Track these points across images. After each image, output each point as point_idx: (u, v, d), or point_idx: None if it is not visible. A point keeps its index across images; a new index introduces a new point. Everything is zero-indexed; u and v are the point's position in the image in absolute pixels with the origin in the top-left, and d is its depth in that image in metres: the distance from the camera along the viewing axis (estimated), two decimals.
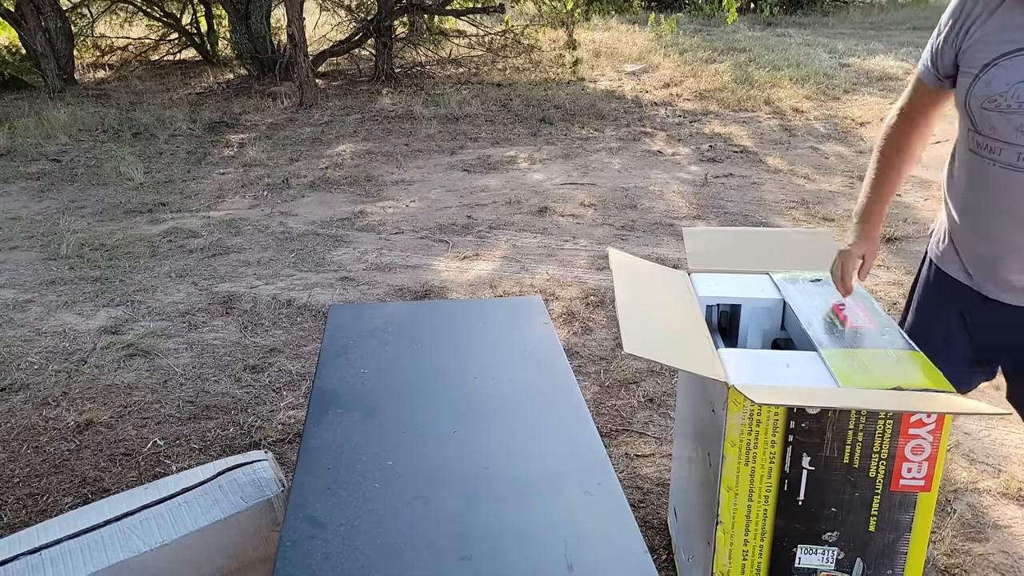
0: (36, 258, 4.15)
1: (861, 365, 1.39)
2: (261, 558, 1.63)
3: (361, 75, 9.02)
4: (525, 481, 1.36)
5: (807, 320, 1.57)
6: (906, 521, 1.32)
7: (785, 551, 1.38)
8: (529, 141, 6.21)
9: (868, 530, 1.34)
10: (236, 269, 3.93)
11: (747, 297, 1.71)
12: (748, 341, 1.73)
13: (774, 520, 1.37)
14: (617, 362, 2.96)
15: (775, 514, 1.36)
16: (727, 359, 1.46)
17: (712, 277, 1.79)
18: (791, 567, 1.39)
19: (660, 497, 2.26)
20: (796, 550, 1.38)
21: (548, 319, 1.92)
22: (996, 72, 1.35)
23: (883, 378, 1.34)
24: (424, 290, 3.63)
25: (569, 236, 4.24)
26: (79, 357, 3.12)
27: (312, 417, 1.54)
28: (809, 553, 1.37)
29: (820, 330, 1.54)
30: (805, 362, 1.45)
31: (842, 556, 1.36)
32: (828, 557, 1.37)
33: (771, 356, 1.49)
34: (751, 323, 1.72)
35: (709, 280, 1.78)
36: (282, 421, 2.68)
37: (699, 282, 1.77)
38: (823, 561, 1.37)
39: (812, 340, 1.50)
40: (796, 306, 1.64)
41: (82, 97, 8.16)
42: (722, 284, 1.76)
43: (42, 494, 2.36)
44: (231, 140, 6.50)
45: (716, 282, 1.77)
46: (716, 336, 1.70)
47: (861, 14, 13.14)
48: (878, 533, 1.34)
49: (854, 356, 1.43)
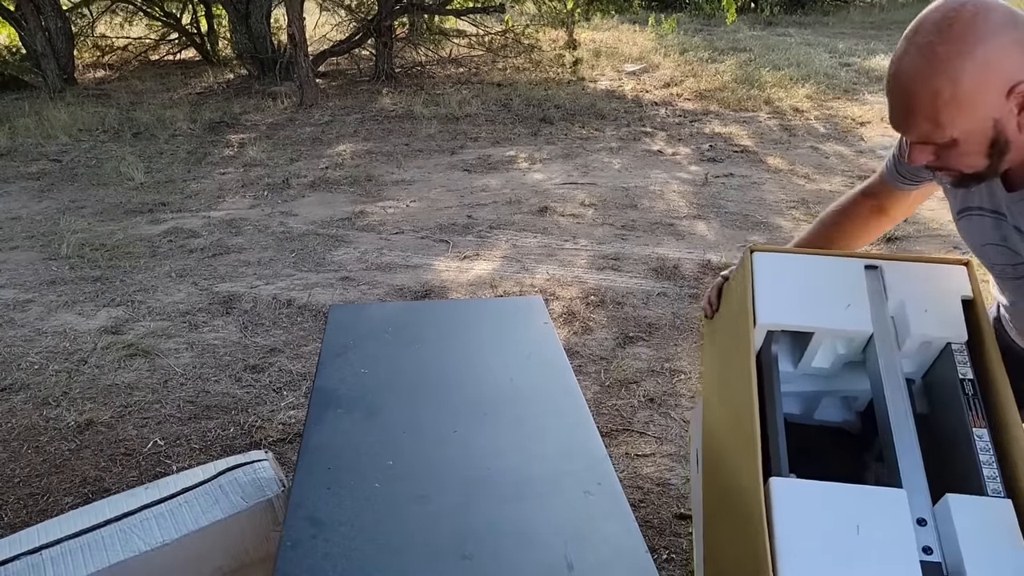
0: (36, 258, 4.15)
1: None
2: (261, 558, 1.63)
3: (361, 75, 9.02)
4: (525, 481, 1.36)
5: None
6: None
7: None
8: (529, 141, 6.21)
9: None
10: (236, 269, 3.93)
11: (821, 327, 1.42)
12: (816, 362, 1.48)
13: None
14: (617, 362, 2.96)
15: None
16: (780, 505, 1.16)
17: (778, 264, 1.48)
18: None
19: (660, 497, 2.26)
20: None
21: (548, 319, 1.92)
22: (962, 226, 1.28)
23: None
24: (424, 290, 3.63)
25: (569, 236, 4.24)
26: (79, 357, 3.12)
27: (312, 417, 1.54)
28: None
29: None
30: (882, 527, 1.13)
31: None
32: None
33: (838, 500, 1.17)
34: (823, 345, 1.45)
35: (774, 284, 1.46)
36: (282, 421, 2.68)
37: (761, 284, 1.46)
38: None
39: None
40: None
41: (82, 97, 8.16)
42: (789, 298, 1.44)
43: (43, 494, 2.37)
44: (231, 140, 6.50)
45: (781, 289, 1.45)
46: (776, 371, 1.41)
47: (861, 14, 13.14)
48: None
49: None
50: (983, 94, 1.00)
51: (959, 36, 0.99)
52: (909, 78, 1.03)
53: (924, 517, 1.16)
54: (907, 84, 1.04)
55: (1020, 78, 0.99)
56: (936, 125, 1.04)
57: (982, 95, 1.00)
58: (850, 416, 1.52)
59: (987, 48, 0.98)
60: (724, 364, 1.54)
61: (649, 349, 3.06)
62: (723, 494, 1.41)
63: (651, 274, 3.73)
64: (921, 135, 1.07)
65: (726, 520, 1.34)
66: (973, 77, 0.99)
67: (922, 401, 1.42)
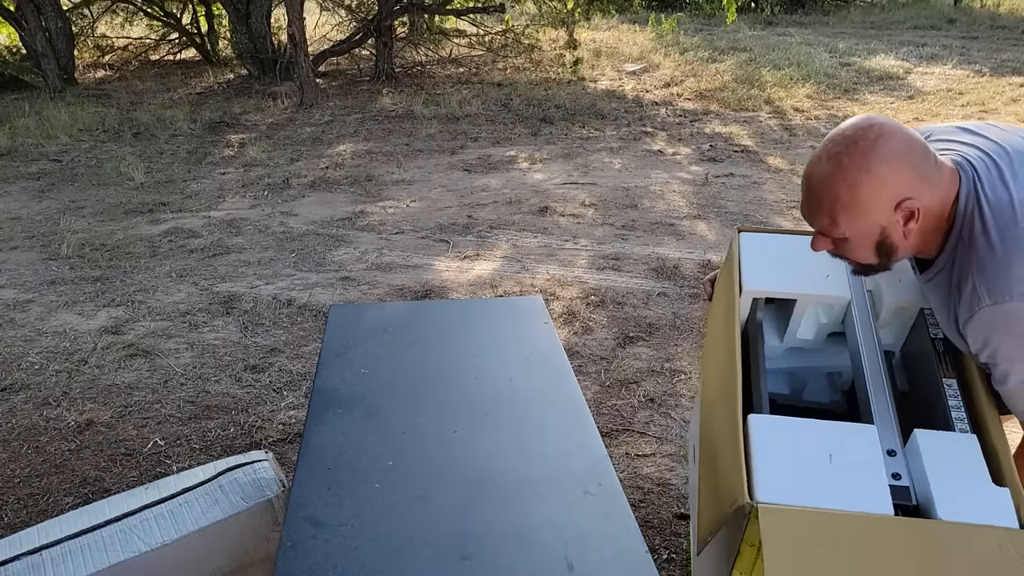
0: (37, 258, 4.15)
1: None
2: (261, 558, 1.63)
3: (361, 75, 9.02)
4: (525, 481, 1.36)
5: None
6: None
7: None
8: (529, 141, 6.21)
9: None
10: (236, 269, 3.93)
11: (803, 292, 1.51)
12: (800, 332, 1.57)
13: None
14: (617, 362, 2.96)
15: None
16: (757, 437, 1.24)
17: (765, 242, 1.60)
18: None
19: (660, 497, 2.26)
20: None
21: (548, 319, 1.92)
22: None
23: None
24: (425, 290, 3.63)
25: (570, 236, 4.24)
26: (80, 357, 3.12)
27: (313, 417, 1.54)
28: None
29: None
30: (854, 455, 1.20)
31: None
32: None
33: (812, 434, 1.25)
34: (805, 315, 1.55)
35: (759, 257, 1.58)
36: (283, 421, 2.68)
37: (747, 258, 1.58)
38: None
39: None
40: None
41: (82, 97, 8.16)
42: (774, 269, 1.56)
43: (43, 494, 2.37)
44: (231, 140, 6.50)
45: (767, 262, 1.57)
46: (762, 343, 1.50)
47: (862, 13, 13.13)
48: None
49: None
50: (874, 204, 1.18)
51: (862, 153, 1.16)
52: (818, 180, 1.21)
53: (894, 448, 1.24)
54: (815, 184, 1.22)
55: (908, 195, 1.17)
56: (833, 222, 1.22)
57: (873, 205, 1.18)
58: (836, 396, 1.59)
59: (883, 168, 1.16)
60: (715, 338, 1.61)
61: (649, 349, 3.06)
62: (709, 441, 1.46)
63: (651, 274, 3.73)
64: (821, 227, 1.25)
65: (711, 465, 1.39)
66: (868, 189, 1.17)
67: (900, 372, 1.51)
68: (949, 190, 1.21)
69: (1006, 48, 9.62)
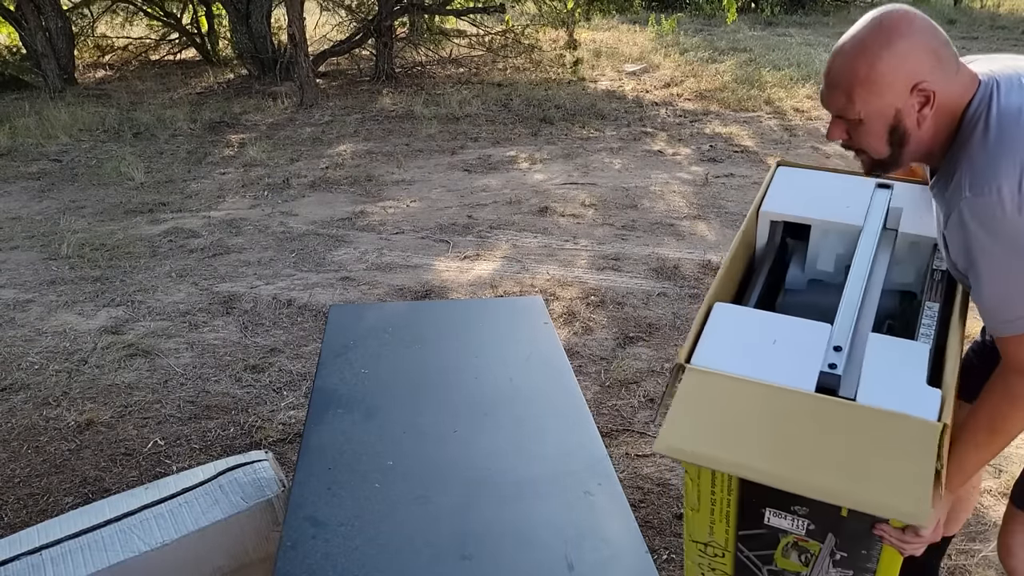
0: (37, 258, 4.15)
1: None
2: (261, 558, 1.63)
3: (361, 75, 9.01)
4: (525, 481, 1.36)
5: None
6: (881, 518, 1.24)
7: (753, 508, 1.33)
8: (530, 141, 6.21)
9: (840, 515, 1.27)
10: (236, 269, 3.93)
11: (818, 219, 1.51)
12: (819, 264, 1.58)
13: (740, 482, 1.28)
14: (617, 362, 2.96)
15: (740, 478, 1.28)
16: (715, 319, 1.31)
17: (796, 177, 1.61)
18: (760, 522, 1.35)
19: (660, 497, 2.26)
20: (765, 511, 1.33)
21: (548, 319, 1.92)
22: None
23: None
24: (425, 290, 3.63)
25: (570, 236, 4.24)
26: (80, 357, 3.12)
27: (313, 417, 1.54)
28: (778, 516, 1.32)
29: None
30: (799, 344, 1.26)
31: (813, 528, 1.31)
32: (798, 525, 1.31)
33: (768, 323, 1.31)
34: (822, 244, 1.55)
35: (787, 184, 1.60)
36: (283, 421, 2.68)
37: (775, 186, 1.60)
38: (793, 527, 1.32)
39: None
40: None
41: (83, 97, 8.16)
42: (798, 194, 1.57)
43: (43, 494, 2.36)
44: (231, 140, 6.50)
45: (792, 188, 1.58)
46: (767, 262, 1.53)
47: (862, 14, 13.11)
48: (851, 519, 1.25)
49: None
50: (892, 82, 1.17)
51: (885, 31, 1.17)
52: (839, 59, 1.22)
53: (841, 345, 1.26)
54: (836, 64, 1.22)
55: (925, 78, 1.16)
56: (849, 100, 1.20)
57: (890, 82, 1.17)
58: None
59: (903, 45, 1.16)
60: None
61: (649, 349, 3.06)
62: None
63: (651, 274, 3.73)
64: (837, 108, 1.23)
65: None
66: (887, 64, 1.16)
67: (894, 299, 1.53)
68: (966, 89, 1.19)
69: (1006, 48, 9.61)
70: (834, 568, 1.33)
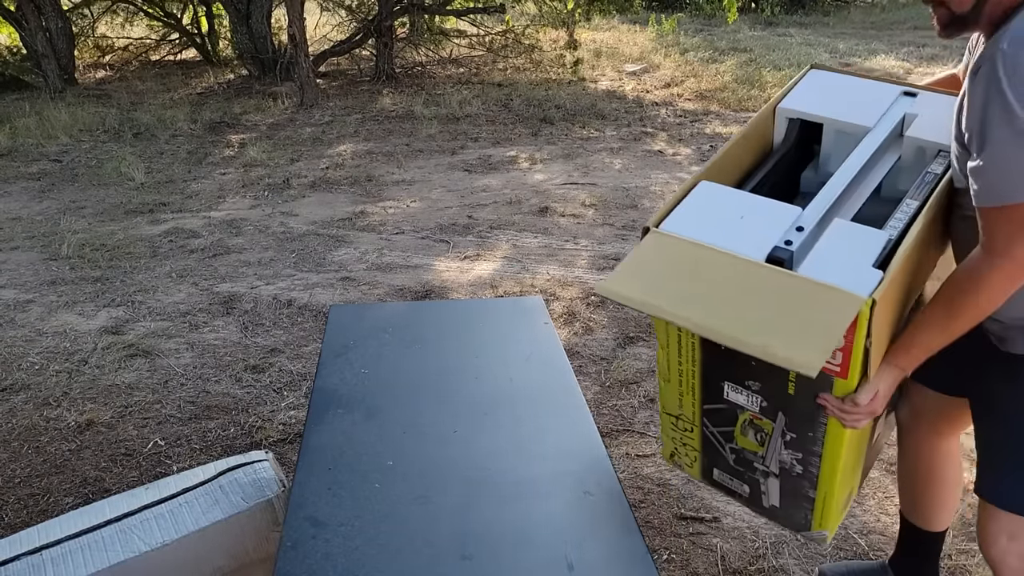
0: (37, 258, 4.15)
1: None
2: (262, 558, 1.63)
3: (362, 75, 9.02)
4: (525, 481, 1.36)
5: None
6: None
7: (714, 382, 1.41)
8: (530, 141, 6.21)
9: (787, 392, 1.32)
10: (237, 269, 3.93)
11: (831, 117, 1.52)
12: (830, 165, 1.59)
13: (702, 353, 1.40)
14: (618, 362, 2.96)
15: (702, 349, 1.39)
16: (696, 194, 1.37)
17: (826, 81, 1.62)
18: (721, 396, 1.43)
19: (660, 497, 2.26)
20: (724, 385, 1.40)
21: (549, 319, 1.93)
22: None
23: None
24: (425, 290, 3.63)
25: (570, 236, 4.24)
26: (80, 357, 3.12)
27: (313, 417, 1.54)
28: (735, 391, 1.40)
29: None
30: (765, 222, 1.31)
31: (765, 405, 1.37)
32: (752, 401, 1.38)
33: (744, 202, 1.36)
34: (834, 145, 1.56)
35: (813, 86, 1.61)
36: (283, 421, 2.68)
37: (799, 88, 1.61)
38: (748, 402, 1.39)
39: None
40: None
41: (83, 97, 8.17)
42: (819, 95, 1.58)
43: (43, 494, 2.37)
44: (232, 140, 6.50)
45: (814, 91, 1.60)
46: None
47: (862, 14, 13.13)
48: (798, 397, 1.31)
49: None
50: None
51: None
52: None
53: (804, 226, 1.31)
54: None
55: None
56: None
57: None
58: None
59: None
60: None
61: (649, 349, 3.06)
62: None
63: None
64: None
65: None
66: None
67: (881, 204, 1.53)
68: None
69: None
70: (786, 449, 1.39)
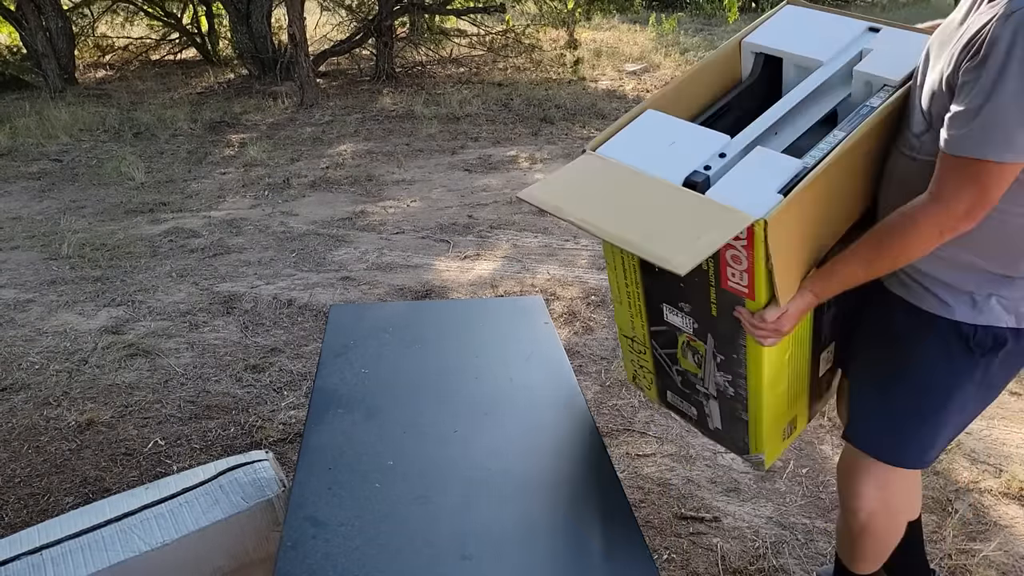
0: (37, 258, 4.15)
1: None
2: (262, 558, 1.63)
3: (362, 75, 9.02)
4: (525, 481, 1.36)
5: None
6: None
7: (655, 304, 1.52)
8: (530, 141, 6.21)
9: (712, 314, 1.40)
10: (237, 269, 3.93)
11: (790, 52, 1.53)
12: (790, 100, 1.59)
13: (641, 275, 1.50)
14: (618, 362, 2.96)
15: (642, 271, 1.49)
16: (640, 121, 1.42)
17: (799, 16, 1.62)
18: (661, 318, 1.52)
19: (660, 497, 2.26)
20: (663, 307, 1.50)
21: (549, 319, 1.93)
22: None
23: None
24: (425, 290, 3.63)
25: (570, 236, 4.24)
26: (80, 357, 3.12)
27: (313, 417, 1.54)
28: (672, 313, 1.49)
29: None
30: (691, 148, 1.35)
31: (697, 327, 1.45)
32: (687, 323, 1.47)
33: (680, 130, 1.40)
34: (792, 80, 1.57)
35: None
36: (283, 421, 2.68)
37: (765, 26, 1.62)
38: (683, 324, 1.48)
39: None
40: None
41: (83, 97, 8.17)
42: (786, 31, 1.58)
43: (43, 494, 2.37)
44: (232, 140, 6.50)
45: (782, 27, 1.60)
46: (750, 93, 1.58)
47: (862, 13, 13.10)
48: (720, 319, 1.39)
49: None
50: None
51: None
52: None
53: (726, 152, 1.36)
54: None
55: None
56: None
57: None
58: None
59: None
60: None
61: None
62: None
63: None
64: None
65: None
66: None
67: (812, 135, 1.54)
68: None
69: None
70: (718, 372, 1.48)
